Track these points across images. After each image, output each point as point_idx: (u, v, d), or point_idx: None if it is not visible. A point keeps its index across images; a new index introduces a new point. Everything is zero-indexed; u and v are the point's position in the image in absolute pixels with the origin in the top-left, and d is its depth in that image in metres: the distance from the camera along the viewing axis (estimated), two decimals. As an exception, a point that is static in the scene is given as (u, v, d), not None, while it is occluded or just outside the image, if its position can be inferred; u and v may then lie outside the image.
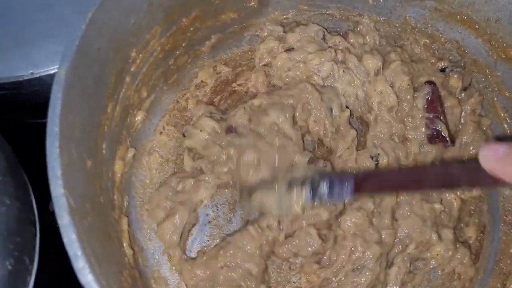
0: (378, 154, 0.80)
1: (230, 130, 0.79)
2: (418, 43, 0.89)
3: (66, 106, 0.54)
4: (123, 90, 0.73)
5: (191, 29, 0.81)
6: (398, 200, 0.78)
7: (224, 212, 0.81)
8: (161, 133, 0.84)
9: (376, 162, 0.80)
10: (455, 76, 0.86)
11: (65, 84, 0.55)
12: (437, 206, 0.78)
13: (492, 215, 0.84)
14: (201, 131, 0.79)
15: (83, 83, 0.60)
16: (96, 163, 0.64)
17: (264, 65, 0.88)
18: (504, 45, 0.79)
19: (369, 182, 0.66)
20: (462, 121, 0.85)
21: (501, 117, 0.85)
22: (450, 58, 0.88)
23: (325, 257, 0.76)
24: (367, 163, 0.80)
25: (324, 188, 0.66)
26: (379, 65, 0.84)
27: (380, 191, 0.73)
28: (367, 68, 0.84)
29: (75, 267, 0.46)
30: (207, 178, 0.78)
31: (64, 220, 0.47)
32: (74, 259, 0.46)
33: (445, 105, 0.84)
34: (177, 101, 0.86)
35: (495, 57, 0.82)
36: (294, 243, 0.75)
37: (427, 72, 0.86)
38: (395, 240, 0.77)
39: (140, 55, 0.74)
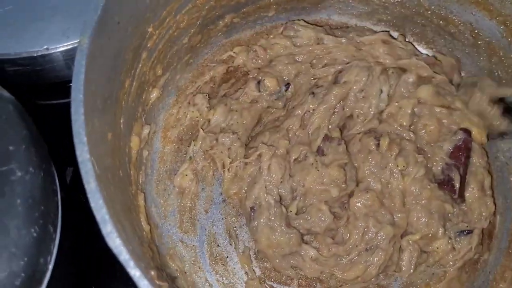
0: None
1: None
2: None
3: (89, 75, 0.54)
4: (140, 66, 0.72)
5: (206, 7, 0.81)
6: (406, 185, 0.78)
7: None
8: (176, 111, 0.84)
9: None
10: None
11: (88, 52, 0.54)
12: (448, 206, 0.77)
13: (504, 195, 0.84)
14: None
15: (104, 55, 0.60)
16: (115, 136, 0.64)
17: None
18: (519, 26, 0.79)
19: None
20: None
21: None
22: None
23: (338, 235, 0.76)
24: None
25: None
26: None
27: None
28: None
29: (104, 231, 0.46)
30: None
31: (91, 185, 0.47)
32: (102, 223, 0.46)
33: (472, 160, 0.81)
34: (191, 81, 0.85)
35: (509, 39, 0.82)
36: (307, 217, 0.75)
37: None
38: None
39: (157, 31, 0.74)
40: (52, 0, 0.77)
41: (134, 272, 0.45)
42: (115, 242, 0.45)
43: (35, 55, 0.74)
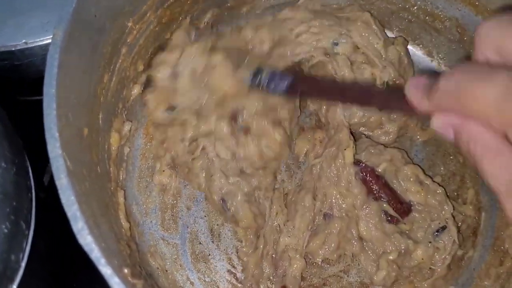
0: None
1: None
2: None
3: (62, 69, 0.53)
4: (119, 61, 0.71)
5: (188, 1, 0.80)
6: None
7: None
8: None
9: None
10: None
11: (62, 45, 0.53)
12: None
13: (490, 192, 0.83)
14: None
15: (80, 48, 0.59)
16: (92, 132, 0.62)
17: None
18: (505, 22, 0.78)
19: (304, 84, 0.69)
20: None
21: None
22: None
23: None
24: None
25: (264, 78, 0.67)
26: None
27: (311, 95, 0.77)
28: None
29: (74, 228, 0.45)
30: None
31: (62, 181, 0.46)
32: (73, 220, 0.45)
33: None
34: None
35: (495, 34, 0.81)
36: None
37: None
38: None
39: (137, 26, 0.72)
40: (31, -6, 0.76)
41: (105, 270, 0.44)
42: (86, 239, 0.44)
43: (14, 49, 0.73)
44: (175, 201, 0.78)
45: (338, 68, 0.80)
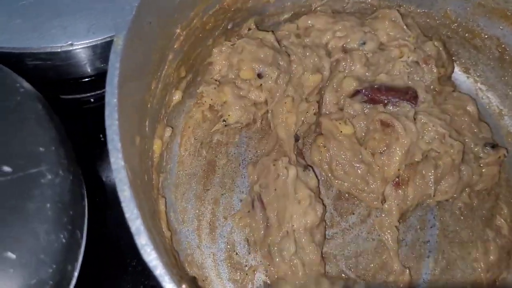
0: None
1: None
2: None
3: (122, 77, 0.52)
4: (166, 67, 0.71)
5: (232, 9, 0.79)
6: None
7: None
8: (195, 114, 0.82)
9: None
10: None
11: (122, 54, 0.53)
12: None
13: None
14: None
15: (135, 56, 0.58)
16: (142, 140, 0.62)
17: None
18: (548, 43, 0.78)
19: None
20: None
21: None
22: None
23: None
24: None
25: None
26: None
27: None
28: None
29: (138, 243, 0.44)
30: None
31: (125, 193, 0.46)
32: (136, 235, 0.44)
33: None
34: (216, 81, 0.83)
35: (536, 56, 0.81)
36: None
37: None
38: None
39: (184, 32, 0.72)
40: (78, -4, 0.75)
41: (170, 287, 0.43)
42: (150, 255, 0.44)
43: (59, 50, 0.72)
44: (212, 210, 0.77)
45: (350, 64, 0.82)
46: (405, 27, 0.84)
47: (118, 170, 0.47)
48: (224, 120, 0.79)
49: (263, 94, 0.79)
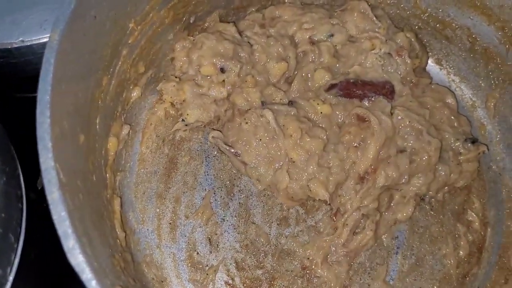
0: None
1: None
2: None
3: (58, 74, 0.50)
4: (119, 63, 0.69)
5: (193, 2, 0.77)
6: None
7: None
8: (157, 111, 0.80)
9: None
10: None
11: (59, 49, 0.51)
12: None
13: (497, 207, 0.81)
14: None
15: (78, 51, 0.56)
16: (89, 138, 0.60)
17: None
18: (518, 32, 0.76)
19: None
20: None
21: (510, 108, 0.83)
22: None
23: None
24: None
25: None
26: None
27: None
28: None
29: (65, 246, 0.42)
30: None
31: (53, 195, 0.44)
32: (63, 238, 0.43)
33: None
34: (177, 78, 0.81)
35: (507, 45, 0.79)
36: None
37: None
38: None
39: (139, 27, 0.70)
40: (29, -9, 0.73)
41: (96, 291, 0.42)
42: (76, 259, 0.42)
43: (10, 47, 0.70)
44: (173, 209, 0.75)
45: (319, 56, 0.80)
46: (374, 18, 0.82)
47: (47, 171, 0.45)
48: (183, 120, 0.77)
49: (225, 89, 0.77)
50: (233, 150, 0.75)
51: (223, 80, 0.77)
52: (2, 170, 0.49)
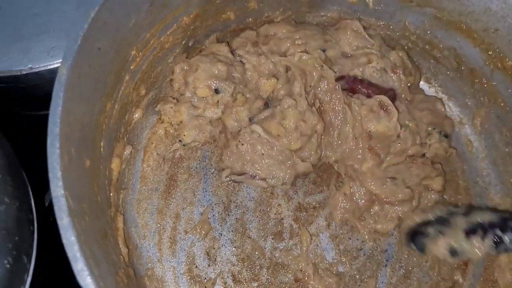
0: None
1: None
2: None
3: (67, 106, 0.54)
4: (122, 88, 0.73)
5: (191, 27, 0.81)
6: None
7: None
8: (158, 130, 0.84)
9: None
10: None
11: (67, 83, 0.55)
12: None
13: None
14: None
15: (84, 82, 0.60)
16: (94, 162, 0.64)
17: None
18: (501, 55, 0.80)
19: None
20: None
21: (497, 125, 0.87)
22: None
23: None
24: None
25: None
26: None
27: None
28: None
29: (74, 269, 0.46)
30: None
31: (63, 221, 0.48)
32: (73, 261, 0.47)
33: None
34: (175, 99, 0.85)
35: (491, 66, 0.83)
36: None
37: None
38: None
39: (140, 53, 0.74)
40: (37, 19, 0.77)
41: (103, 310, 0.46)
42: (85, 280, 0.46)
43: (19, 74, 0.74)
44: (173, 224, 0.79)
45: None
46: (367, 36, 0.86)
47: (58, 198, 0.49)
48: (180, 140, 0.81)
49: (219, 110, 0.81)
50: (246, 175, 0.79)
51: (218, 101, 0.82)
52: (14, 196, 0.53)
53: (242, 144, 0.78)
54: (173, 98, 0.83)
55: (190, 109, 0.81)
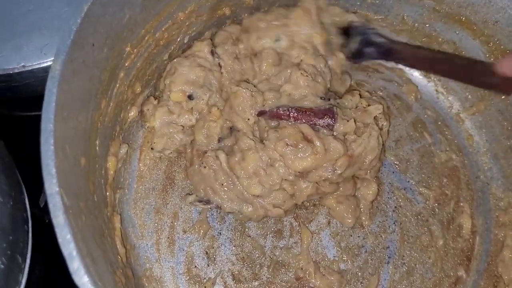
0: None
1: None
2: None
3: (60, 102, 0.53)
4: (117, 85, 0.71)
5: (186, 24, 0.80)
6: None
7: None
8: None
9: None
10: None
11: (60, 79, 0.53)
12: None
13: (484, 216, 0.84)
14: None
15: (78, 79, 0.59)
16: (89, 160, 0.63)
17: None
18: (502, 47, 0.79)
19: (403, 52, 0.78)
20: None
21: (498, 119, 0.86)
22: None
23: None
24: None
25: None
26: None
27: (407, 63, 0.83)
28: None
29: (70, 268, 0.45)
30: None
31: (58, 219, 0.46)
32: (69, 260, 0.45)
33: None
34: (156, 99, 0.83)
35: (492, 59, 0.82)
36: None
37: None
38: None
39: (135, 50, 0.73)
40: (29, 17, 0.76)
41: (101, 310, 0.44)
42: (82, 279, 0.45)
43: (11, 72, 0.73)
44: (171, 224, 0.78)
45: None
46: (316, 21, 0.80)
47: (52, 196, 0.47)
48: (152, 148, 0.79)
49: (193, 117, 0.78)
50: (210, 206, 0.76)
51: (192, 108, 0.78)
52: (8, 195, 0.52)
53: (205, 167, 0.74)
54: (155, 99, 0.80)
55: (164, 114, 0.77)
